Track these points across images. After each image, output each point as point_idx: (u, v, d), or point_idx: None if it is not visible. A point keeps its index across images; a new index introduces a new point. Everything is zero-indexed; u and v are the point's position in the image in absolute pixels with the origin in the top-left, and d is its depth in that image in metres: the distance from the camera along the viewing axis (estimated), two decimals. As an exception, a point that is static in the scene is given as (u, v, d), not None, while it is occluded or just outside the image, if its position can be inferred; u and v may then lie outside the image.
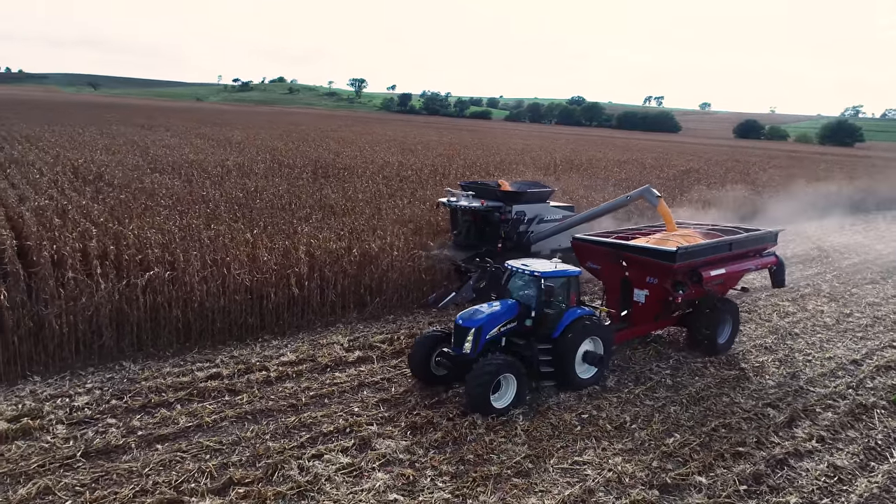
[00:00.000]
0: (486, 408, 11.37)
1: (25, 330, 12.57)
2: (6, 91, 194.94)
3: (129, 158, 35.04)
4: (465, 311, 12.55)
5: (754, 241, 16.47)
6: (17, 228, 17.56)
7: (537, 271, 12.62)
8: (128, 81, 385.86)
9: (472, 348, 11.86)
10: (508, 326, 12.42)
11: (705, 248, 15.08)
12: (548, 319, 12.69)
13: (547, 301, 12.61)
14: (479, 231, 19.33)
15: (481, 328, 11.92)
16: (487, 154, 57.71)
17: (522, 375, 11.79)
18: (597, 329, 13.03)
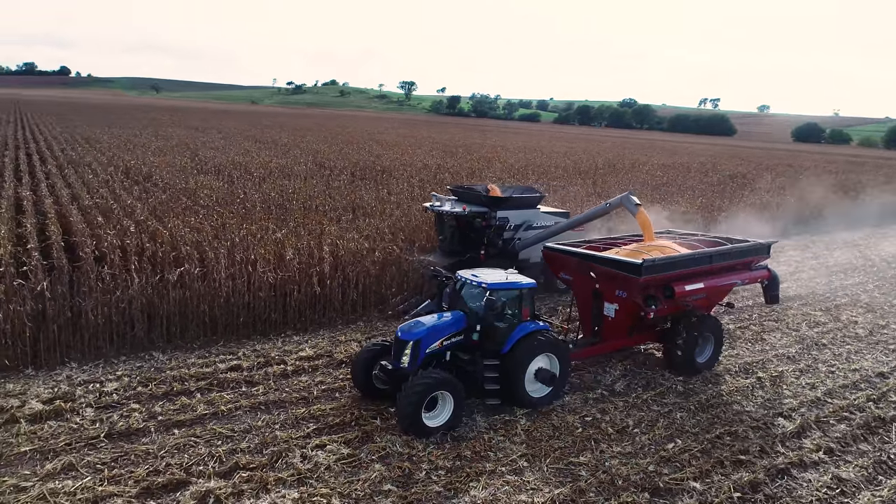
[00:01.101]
0: (417, 426, 10.72)
1: (65, 319, 13.55)
2: (74, 95, 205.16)
3: (178, 160, 36.68)
4: (407, 323, 12.08)
5: (739, 253, 15.31)
6: (65, 225, 18.81)
7: (485, 282, 11.84)
8: (188, 85, 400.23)
9: (410, 362, 11.26)
10: (453, 340, 11.78)
11: (677, 260, 14.08)
12: (497, 334, 11.92)
13: (498, 314, 11.93)
14: (463, 237, 18.76)
15: (420, 341, 11.32)
16: (528, 157, 57.74)
17: (460, 393, 11.04)
18: (551, 345, 12.22)
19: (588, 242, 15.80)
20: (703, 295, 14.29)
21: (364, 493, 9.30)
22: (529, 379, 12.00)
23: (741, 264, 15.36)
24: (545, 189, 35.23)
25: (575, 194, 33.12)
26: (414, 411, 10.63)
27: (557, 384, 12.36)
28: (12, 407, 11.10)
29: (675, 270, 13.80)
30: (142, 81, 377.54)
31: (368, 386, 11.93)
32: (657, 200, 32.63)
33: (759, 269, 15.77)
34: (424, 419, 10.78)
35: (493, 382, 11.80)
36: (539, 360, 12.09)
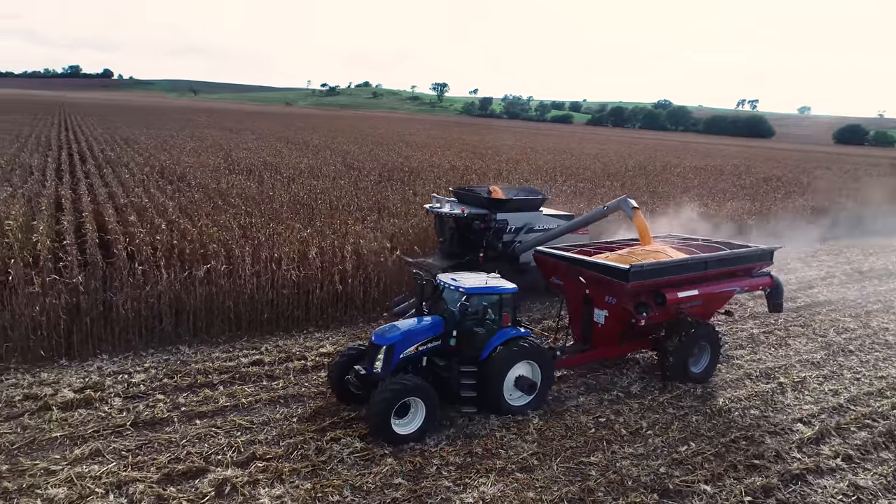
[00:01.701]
0: (386, 433, 10.44)
1: (97, 313, 14.14)
2: (116, 97, 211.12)
3: (212, 160, 37.61)
4: (382, 327, 11.89)
5: (738, 260, 14.67)
6: (100, 222, 19.53)
7: (462, 286, 11.57)
8: (225, 87, 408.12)
9: (382, 367, 11.01)
10: (430, 345, 11.52)
11: (668, 266, 13.50)
12: (475, 339, 11.66)
13: (476, 319, 11.69)
14: (462, 239, 18.43)
15: (393, 346, 11.09)
16: (557, 158, 57.52)
17: (433, 400, 10.76)
18: (532, 353, 11.88)
19: (580, 246, 15.39)
20: (698, 302, 13.78)
21: (375, 486, 9.52)
22: (509, 387, 11.70)
23: (741, 271, 14.70)
24: (572, 191, 35.16)
25: (602, 196, 32.93)
26: (383, 418, 10.36)
27: (539, 393, 12.02)
28: (46, 395, 11.65)
29: (667, 276, 13.29)
30: (181, 84, 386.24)
31: (343, 390, 11.68)
32: (685, 203, 32.23)
33: (761, 276, 15.07)
34: (395, 426, 10.50)
35: (470, 389, 11.52)
36: (519, 367, 11.78)
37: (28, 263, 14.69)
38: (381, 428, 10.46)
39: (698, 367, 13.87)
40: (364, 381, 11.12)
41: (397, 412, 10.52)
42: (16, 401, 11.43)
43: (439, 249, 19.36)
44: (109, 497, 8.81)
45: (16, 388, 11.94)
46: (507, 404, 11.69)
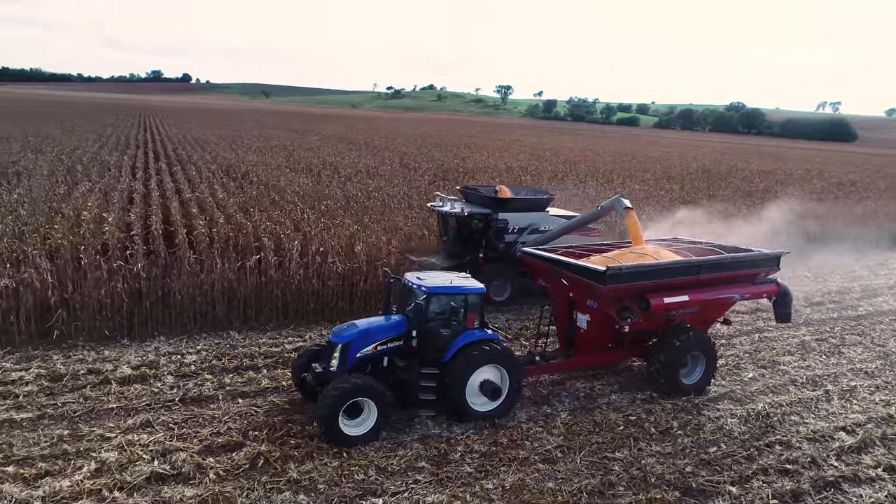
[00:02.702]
0: (333, 434, 10.13)
1: (156, 298, 15.15)
2: (193, 100, 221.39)
3: (274, 159, 39.14)
4: (341, 325, 11.64)
5: (736, 264, 13.60)
6: (166, 215, 20.81)
7: (424, 286, 11.23)
8: (295, 90, 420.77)
9: (338, 365, 10.78)
10: (390, 345, 11.21)
11: (653, 269, 12.64)
12: (438, 341, 11.27)
13: (439, 320, 11.35)
14: (465, 239, 18.28)
15: (349, 344, 10.87)
16: (617, 161, 56.66)
17: (384, 401, 10.44)
18: (498, 357, 11.34)
19: (569, 247, 14.75)
20: (692, 309, 12.87)
21: (399, 468, 9.89)
22: (473, 391, 11.22)
23: (741, 277, 13.59)
24: (624, 192, 34.64)
25: (658, 199, 32.35)
26: (330, 418, 10.04)
27: (507, 399, 11.48)
28: (107, 370, 12.64)
29: (652, 280, 12.47)
30: (254, 87, 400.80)
31: (304, 387, 11.47)
32: (744, 207, 31.23)
33: (766, 283, 13.97)
34: (344, 426, 10.21)
35: (430, 392, 11.10)
36: (485, 371, 11.28)
37: (98, 251, 15.88)
38: (328, 428, 10.12)
39: (691, 379, 13.03)
40: (319, 379, 10.87)
41: (349, 412, 10.27)
42: (80, 374, 12.45)
43: (442, 249, 19.26)
44: (154, 463, 9.53)
45: (81, 363, 13.00)
46: (470, 409, 11.20)
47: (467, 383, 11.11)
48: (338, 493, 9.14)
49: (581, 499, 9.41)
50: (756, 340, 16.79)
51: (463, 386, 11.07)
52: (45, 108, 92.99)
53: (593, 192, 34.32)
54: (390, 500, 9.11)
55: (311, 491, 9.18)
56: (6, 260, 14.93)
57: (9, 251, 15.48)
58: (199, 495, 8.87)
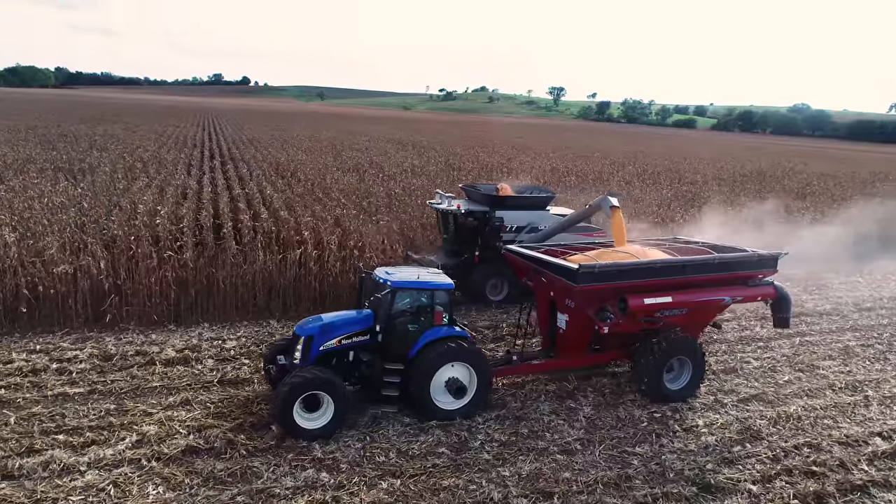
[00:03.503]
0: (288, 427, 10.05)
1: (202, 287, 15.95)
2: (251, 102, 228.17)
3: (323, 159, 40.19)
4: (308, 318, 11.57)
5: (727, 265, 12.92)
6: (215, 210, 21.80)
7: (390, 280, 11.04)
8: (349, 92, 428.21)
9: (300, 358, 10.72)
10: (356, 339, 11.06)
11: (631, 268, 12.15)
12: (403, 336, 11.11)
13: (404, 315, 11.18)
14: (463, 237, 18.09)
15: (312, 338, 10.80)
16: (668, 162, 55.63)
17: (341, 395, 10.27)
18: (464, 354, 11.09)
19: (551, 246, 14.34)
20: (677, 311, 12.34)
21: (419, 452, 10.20)
22: (438, 388, 11.03)
23: (733, 279, 12.97)
24: (672, 194, 34.07)
25: (704, 201, 31.70)
26: (283, 410, 9.99)
27: (474, 398, 11.27)
28: (153, 352, 13.43)
29: (630, 280, 12.04)
30: (309, 89, 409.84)
31: (271, 379, 11.42)
32: (797, 210, 30.29)
33: (762, 285, 13.26)
34: (300, 420, 10.12)
35: (393, 388, 10.99)
36: (451, 369, 11.07)
37: (150, 242, 16.82)
38: (282, 420, 10.07)
39: (676, 385, 12.51)
40: (281, 372, 10.82)
41: (308, 406, 10.18)
42: (129, 355, 13.28)
43: (442, 247, 19.21)
44: (190, 437, 10.13)
45: (130, 345, 13.85)
46: (434, 407, 11.03)
47: (432, 380, 10.91)
48: (358, 473, 9.52)
49: (596, 490, 9.50)
50: (796, 344, 16.38)
51: (427, 383, 10.87)
52: (113, 109, 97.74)
53: (638, 193, 33.95)
54: (408, 481, 9.42)
55: (333, 469, 9.59)
56: (67, 248, 16.00)
57: (70, 240, 16.58)
58: (229, 468, 9.40)
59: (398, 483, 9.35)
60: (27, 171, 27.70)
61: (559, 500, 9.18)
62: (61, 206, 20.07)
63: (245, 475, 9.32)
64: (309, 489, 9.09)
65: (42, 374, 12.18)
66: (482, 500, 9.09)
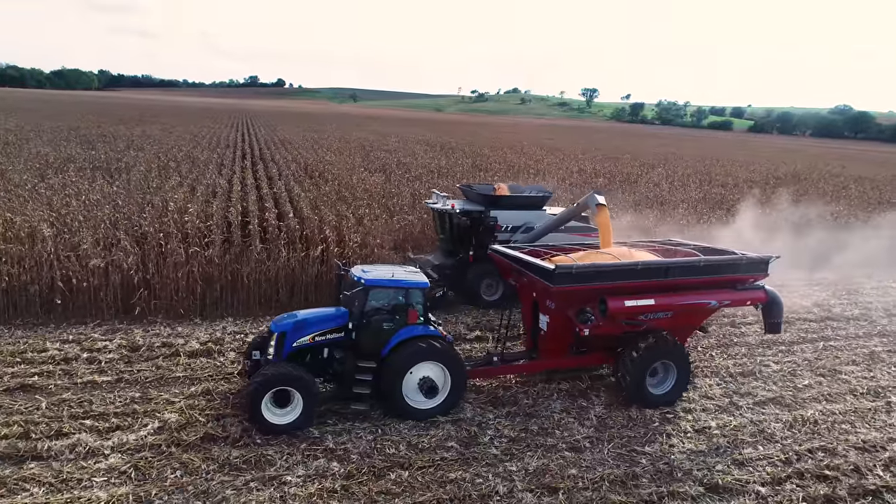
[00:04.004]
0: (255, 419, 10.20)
1: (227, 282, 16.44)
2: (286, 104, 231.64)
3: (351, 159, 40.75)
4: (282, 315, 11.71)
5: (713, 268, 12.53)
6: (243, 208, 22.37)
7: (364, 278, 11.07)
8: (382, 94, 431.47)
9: (274, 354, 10.82)
10: (330, 337, 11.10)
11: (610, 269, 11.90)
12: (376, 335, 11.10)
13: (377, 314, 11.17)
14: (458, 237, 17.99)
15: (285, 334, 10.88)
16: (700, 164, 54.86)
17: (310, 391, 10.35)
18: (437, 354, 11.02)
19: (538, 246, 14.17)
20: (661, 314, 12.08)
21: (429, 446, 10.41)
22: (411, 388, 11.04)
23: (721, 282, 12.63)
24: (701, 196, 33.66)
25: (732, 203, 31.26)
26: (251, 405, 10.14)
27: (448, 398, 11.23)
28: (178, 344, 13.91)
29: (610, 281, 11.81)
30: (343, 91, 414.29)
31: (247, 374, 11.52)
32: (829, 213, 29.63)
33: (751, 289, 12.91)
34: (270, 414, 10.24)
35: (364, 386, 10.99)
36: (424, 368, 11.05)
37: (179, 238, 17.39)
38: (251, 415, 10.24)
39: (660, 390, 12.20)
40: (255, 366, 11.00)
41: (278, 401, 10.31)
42: (155, 346, 13.79)
43: (439, 246, 19.13)
44: (209, 425, 10.51)
45: (157, 336, 14.37)
46: (406, 406, 11.03)
47: (404, 379, 10.93)
48: (367, 464, 9.77)
49: (602, 486, 9.57)
50: (819, 349, 16.12)
51: (399, 381, 10.89)
52: (152, 111, 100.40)
53: (666, 195, 33.65)
54: (416, 473, 9.64)
55: (343, 460, 9.85)
56: (101, 243, 16.65)
57: (104, 236, 17.24)
58: (244, 455, 9.75)
59: (406, 474, 9.57)
60: (67, 169, 28.79)
61: (564, 496, 9.28)
62: (97, 204, 20.85)
63: (259, 463, 9.64)
64: (319, 478, 9.37)
65: (73, 363, 12.73)
66: (487, 493, 9.25)
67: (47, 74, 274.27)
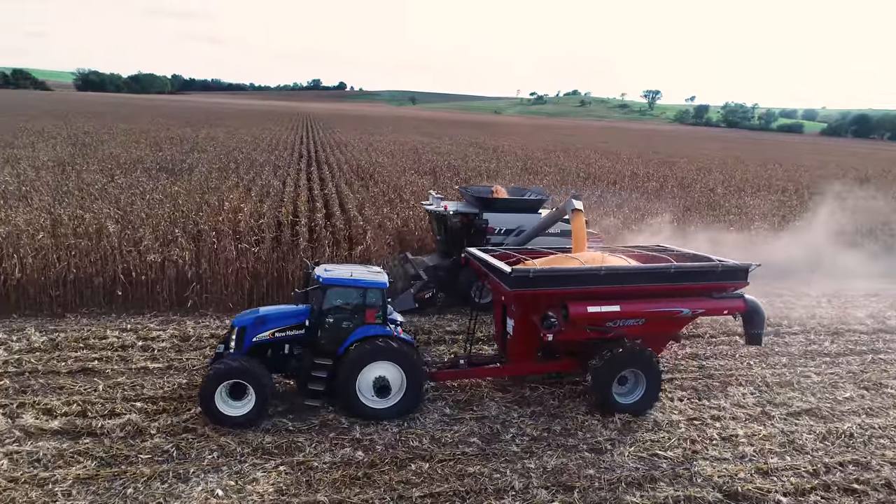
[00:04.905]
0: (210, 412, 10.52)
1: (272, 278, 17.27)
2: (346, 107, 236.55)
3: (402, 161, 41.53)
4: (246, 311, 11.99)
5: (686, 275, 12.06)
6: (294, 207, 23.35)
7: (322, 277, 11.21)
8: (441, 97, 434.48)
9: (234, 348, 11.09)
10: (290, 333, 11.29)
11: (570, 274, 11.63)
12: (334, 333, 11.25)
13: (347, 314, 11.32)
14: (451, 238, 17.85)
15: (245, 329, 11.13)
16: (761, 168, 53.08)
17: (263, 385, 10.59)
18: (391, 354, 11.05)
19: (508, 249, 14.02)
20: (631, 322, 11.77)
21: (451, 440, 10.77)
22: (366, 387, 11.13)
23: (693, 289, 12.18)
24: (755, 201, 32.68)
25: (789, 209, 30.27)
26: (206, 396, 10.50)
27: (404, 399, 11.26)
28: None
29: (571, 286, 11.52)
30: (402, 94, 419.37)
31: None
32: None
33: (728, 298, 12.46)
34: (224, 406, 10.56)
35: (319, 383, 11.15)
36: (379, 368, 11.10)
37: (231, 236, 18.37)
38: (205, 406, 10.59)
39: (629, 399, 11.94)
40: (215, 359, 11.23)
41: (233, 394, 10.64)
42: (204, 337, 14.69)
43: (436, 248, 19.17)
44: (246, 412, 11.19)
45: (206, 328, 15.29)
46: (360, 405, 11.11)
47: (357, 377, 11.02)
48: (391, 454, 10.21)
49: (618, 487, 9.69)
50: (867, 361, 15.58)
51: (352, 379, 10.98)
52: (218, 114, 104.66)
53: (719, 200, 32.89)
54: (436, 465, 10.01)
55: (369, 450, 10.33)
56: (159, 239, 17.79)
57: (163, 233, 18.41)
58: (275, 441, 10.36)
59: (426, 466, 9.95)
60: (135, 170, 30.64)
61: (579, 495, 9.45)
62: (159, 202, 22.19)
63: (289, 448, 10.23)
64: (344, 465, 9.87)
65: (129, 350, 13.74)
66: (503, 487, 9.53)
67: (125, 79, 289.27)
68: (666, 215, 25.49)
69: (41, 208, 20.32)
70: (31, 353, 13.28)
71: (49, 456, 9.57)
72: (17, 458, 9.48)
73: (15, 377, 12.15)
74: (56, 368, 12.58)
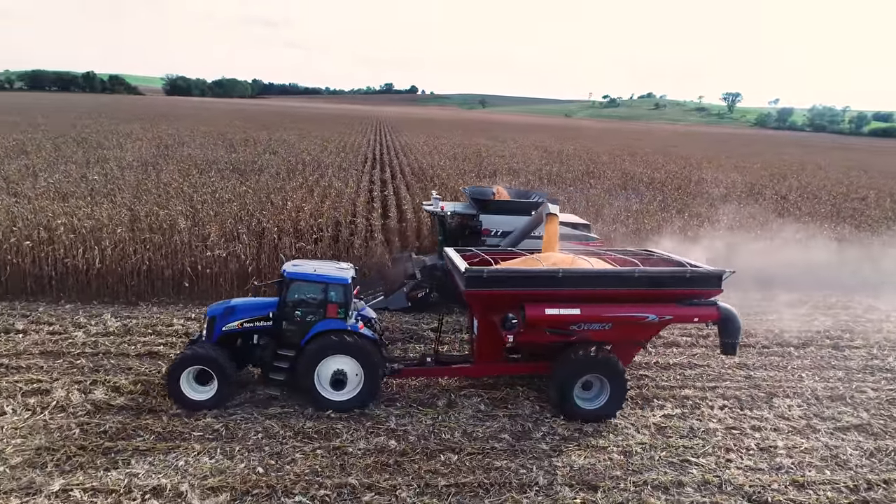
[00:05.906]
0: (176, 397, 11.19)
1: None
2: (417, 111, 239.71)
3: (464, 165, 42.02)
4: (219, 301, 12.46)
5: (650, 280, 11.66)
6: (353, 208, 24.25)
7: (286, 271, 11.73)
8: (512, 100, 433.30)
9: (205, 336, 11.73)
10: (258, 324, 11.78)
11: (527, 275, 11.42)
12: (298, 326, 11.70)
13: (311, 307, 11.69)
14: (450, 239, 17.84)
15: (215, 318, 11.67)
16: (836, 175, 50.42)
17: (224, 372, 11.18)
18: (347, 347, 11.40)
19: (487, 250, 13.97)
20: (598, 326, 11.54)
21: (482, 435, 11.10)
22: (326, 379, 11.54)
23: (661, 295, 11.81)
24: (830, 210, 31.19)
25: (863, 219, 28.76)
26: (171, 381, 11.15)
27: (359, 393, 11.61)
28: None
29: (527, 288, 11.35)
30: (472, 97, 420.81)
31: None
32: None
33: (699, 305, 12.03)
34: (189, 391, 11.20)
35: (280, 373, 11.67)
36: (338, 361, 11.48)
37: (291, 234, 19.37)
38: (170, 391, 11.25)
39: (592, 405, 11.72)
40: (188, 345, 11.98)
41: (199, 379, 11.28)
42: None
43: (438, 248, 18.90)
44: (290, 399, 11.91)
45: (262, 320, 16.21)
46: (319, 396, 11.54)
47: (316, 369, 11.44)
48: (422, 445, 10.65)
49: (643, 490, 9.75)
50: (939, 377, 14.80)
51: (310, 371, 11.43)
52: (292, 117, 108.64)
53: (791, 208, 31.62)
54: (465, 458, 10.37)
55: (402, 439, 10.81)
56: (225, 236, 18.98)
57: (229, 230, 19.61)
58: (315, 427, 11.01)
59: (455, 458, 10.33)
60: (210, 170, 32.50)
61: (602, 494, 9.58)
62: (227, 201, 23.57)
63: (328, 434, 10.85)
64: (377, 452, 10.39)
65: (192, 337, 14.78)
66: (528, 482, 9.78)
67: (209, 84, 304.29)
68: (725, 220, 24.81)
69: (122, 205, 22.02)
70: (106, 336, 14.55)
71: (114, 429, 10.57)
72: (87, 429, 10.52)
73: (91, 357, 13.38)
74: (126, 351, 13.76)
